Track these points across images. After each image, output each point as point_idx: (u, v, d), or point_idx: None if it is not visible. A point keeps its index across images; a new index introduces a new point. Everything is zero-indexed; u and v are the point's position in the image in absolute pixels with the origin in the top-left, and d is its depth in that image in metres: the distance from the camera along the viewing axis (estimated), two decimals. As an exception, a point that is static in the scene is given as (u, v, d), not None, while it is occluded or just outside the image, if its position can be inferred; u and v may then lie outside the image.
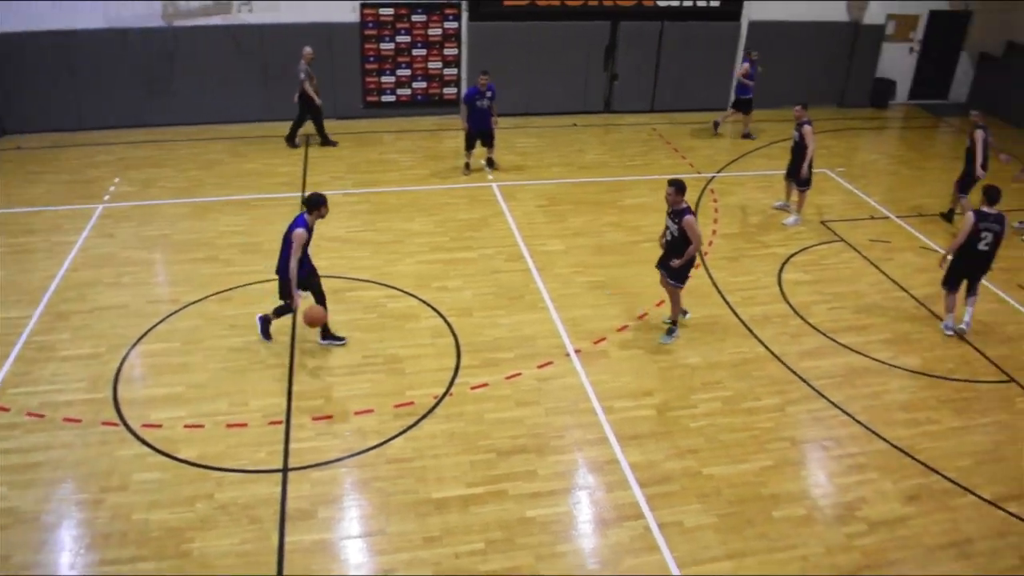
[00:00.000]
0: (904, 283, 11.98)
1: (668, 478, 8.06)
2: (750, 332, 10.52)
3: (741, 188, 14.77)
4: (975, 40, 20.50)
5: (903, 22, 19.83)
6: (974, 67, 20.81)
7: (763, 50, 18.24)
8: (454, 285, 11.15)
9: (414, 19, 16.65)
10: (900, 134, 19.04)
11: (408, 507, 7.52)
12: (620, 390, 9.27)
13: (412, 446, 8.25)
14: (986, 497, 8.16)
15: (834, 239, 13.11)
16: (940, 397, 9.64)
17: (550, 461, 8.18)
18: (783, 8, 18.35)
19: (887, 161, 16.86)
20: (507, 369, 9.48)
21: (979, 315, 11.26)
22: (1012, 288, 12.08)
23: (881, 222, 13.92)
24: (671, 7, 17.73)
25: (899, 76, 20.32)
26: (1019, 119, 19.26)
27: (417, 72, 17.10)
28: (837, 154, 16.93)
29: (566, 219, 13.20)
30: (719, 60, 18.51)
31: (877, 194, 14.99)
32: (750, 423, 8.93)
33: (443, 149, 15.95)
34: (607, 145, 16.68)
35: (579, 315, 10.62)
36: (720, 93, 18.87)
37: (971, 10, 20.12)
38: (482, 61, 16.77)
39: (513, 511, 7.55)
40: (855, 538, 7.57)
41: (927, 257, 12.81)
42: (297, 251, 8.83)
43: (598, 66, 17.86)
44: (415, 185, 14.21)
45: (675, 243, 9.73)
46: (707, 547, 7.32)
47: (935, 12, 19.93)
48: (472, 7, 16.75)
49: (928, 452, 8.72)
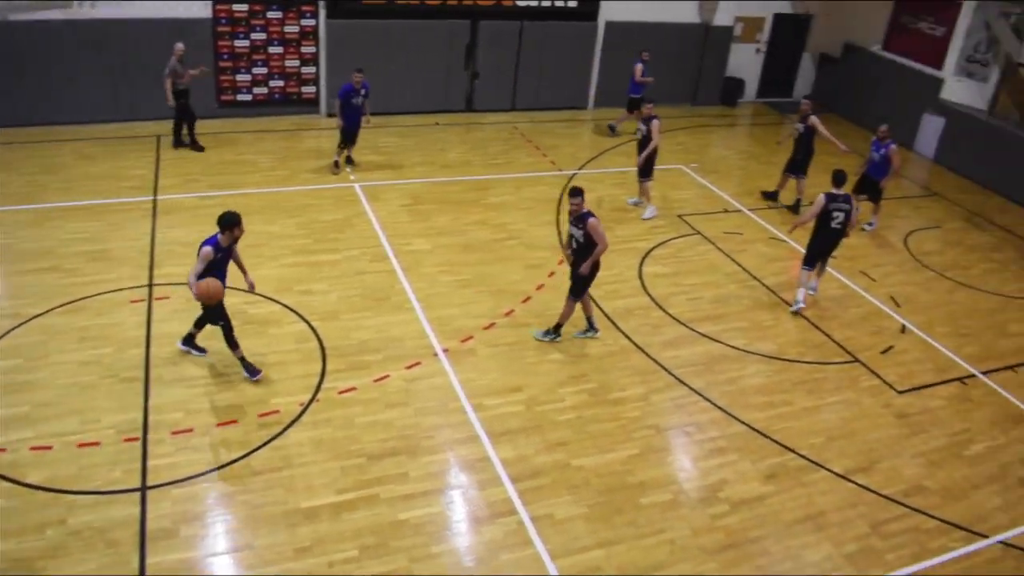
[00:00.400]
0: (757, 273, 12.55)
1: (539, 472, 8.17)
2: (614, 325, 10.78)
3: (600, 185, 15.11)
4: (816, 41, 21.75)
5: (750, 24, 20.78)
6: (815, 67, 22.06)
7: (619, 50, 18.79)
8: (318, 288, 10.94)
9: (269, 15, 16.21)
10: (749, 131, 19.93)
11: (277, 518, 7.32)
12: (489, 387, 9.33)
13: (279, 455, 8.04)
14: (837, 471, 8.67)
15: (691, 232, 13.60)
16: (793, 380, 10.16)
17: (422, 462, 8.14)
18: (638, 10, 18.87)
19: (738, 157, 17.62)
20: (375, 371, 9.37)
21: (825, 301, 11.95)
22: (855, 275, 12.85)
23: (734, 215, 14.54)
24: (530, 7, 17.94)
25: (747, 75, 21.30)
26: (855, 115, 20.56)
27: (274, 70, 16.66)
28: (691, 151, 17.57)
29: (431, 218, 13.17)
30: (577, 59, 18.86)
31: (729, 188, 15.65)
32: (616, 413, 9.15)
33: (303, 149, 15.60)
34: (470, 144, 16.73)
35: (446, 314, 10.61)
36: (579, 92, 19.25)
37: (812, 13, 21.30)
38: (341, 59, 16.55)
39: (386, 515, 7.47)
40: (719, 518, 7.89)
41: (777, 247, 13.47)
42: (199, 266, 8.37)
43: (459, 65, 17.88)
44: (275, 186, 13.84)
45: (581, 249, 9.79)
46: (578, 538, 7.46)
47: (779, 15, 21.01)
48: (330, 4, 16.44)
49: (783, 432, 9.18)
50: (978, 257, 14.16)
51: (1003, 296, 12.84)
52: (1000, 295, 12.86)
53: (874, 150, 13.79)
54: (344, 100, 14.01)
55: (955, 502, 8.50)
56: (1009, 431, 9.72)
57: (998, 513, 8.41)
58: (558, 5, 18.17)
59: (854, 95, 20.70)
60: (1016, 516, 8.40)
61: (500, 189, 14.60)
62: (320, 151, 15.47)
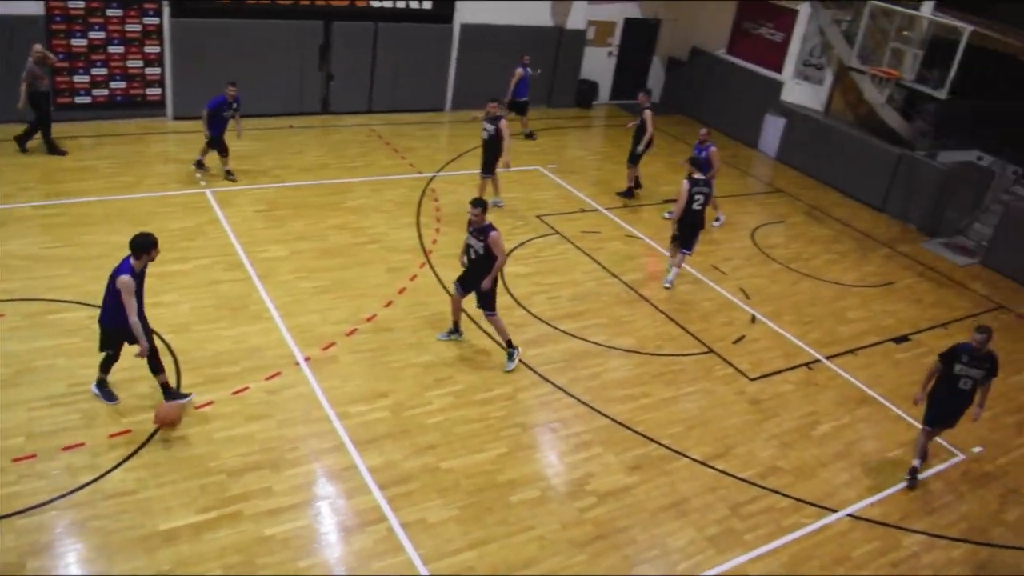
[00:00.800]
0: (614, 270, 12.87)
1: (408, 477, 8.09)
2: (477, 326, 10.80)
3: (461, 187, 15.13)
4: (665, 45, 22.52)
5: (602, 28, 21.31)
6: (665, 70, 22.85)
7: (476, 53, 18.89)
8: (169, 299, 10.45)
9: (109, 13, 15.36)
10: (603, 132, 20.42)
11: (134, 543, 6.94)
12: (353, 394, 9.16)
13: (133, 477, 7.62)
14: (697, 458, 8.98)
15: (550, 232, 13.80)
16: (652, 372, 10.47)
17: (286, 475, 7.91)
18: (493, 12, 19.00)
19: (593, 157, 18.01)
20: (233, 384, 9.03)
21: (679, 295, 12.39)
22: (707, 269, 13.37)
23: (591, 214, 14.85)
24: (384, 8, 17.77)
25: (600, 78, 21.83)
26: (702, 116, 21.41)
27: (115, 71, 15.82)
28: (549, 152, 17.84)
29: (287, 224, 12.82)
30: (434, 61, 18.82)
31: (586, 188, 15.98)
32: (483, 414, 9.17)
33: (150, 154, 14.88)
34: (327, 147, 16.41)
35: (306, 321, 10.36)
36: (437, 94, 19.21)
37: (660, 19, 22.03)
38: (188, 60, 15.91)
39: (250, 532, 7.21)
40: (587, 511, 8.03)
41: (633, 245, 13.86)
42: (128, 300, 7.74)
43: (313, 66, 17.51)
44: (121, 194, 13.12)
45: (480, 260, 9.69)
46: (450, 540, 7.43)
47: (630, 20, 21.64)
48: (174, 2, 15.76)
49: (645, 423, 9.44)
50: (819, 249, 15.02)
51: (842, 285, 13.66)
52: (840, 284, 13.68)
53: (696, 152, 14.29)
54: (214, 111, 13.48)
55: (806, 480, 8.96)
56: (853, 411, 10.34)
57: (845, 488, 8.94)
58: (413, 7, 18.08)
59: (701, 97, 21.58)
60: (861, 490, 8.94)
61: (359, 192, 14.38)
62: (167, 156, 14.81)
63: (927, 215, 16.60)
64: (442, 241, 12.93)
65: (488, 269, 9.66)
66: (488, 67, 18.82)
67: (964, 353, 8.58)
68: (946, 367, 8.68)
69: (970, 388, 8.68)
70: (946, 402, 8.81)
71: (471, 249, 9.81)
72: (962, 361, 8.57)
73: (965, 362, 8.56)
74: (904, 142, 17.19)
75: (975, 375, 8.61)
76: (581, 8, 20.15)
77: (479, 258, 9.72)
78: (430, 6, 18.27)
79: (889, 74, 16.21)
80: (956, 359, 8.60)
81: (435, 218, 13.70)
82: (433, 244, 12.78)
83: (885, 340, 12.15)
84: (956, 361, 8.60)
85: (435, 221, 13.59)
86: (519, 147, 17.62)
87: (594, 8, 20.52)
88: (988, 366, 8.62)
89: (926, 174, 16.61)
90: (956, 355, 8.62)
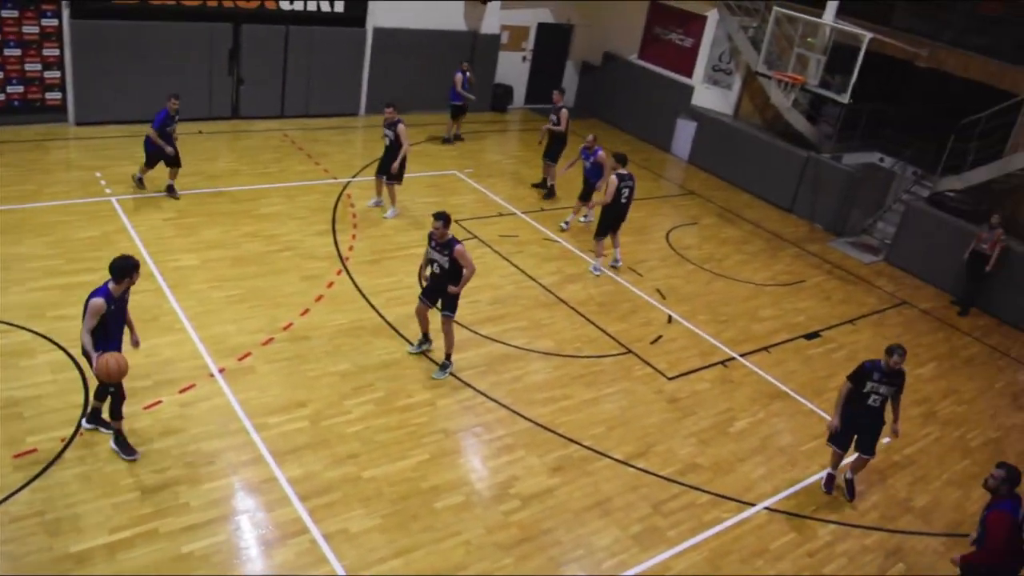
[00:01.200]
0: (532, 273, 12.93)
1: (329, 488, 7.96)
2: (396, 332, 10.71)
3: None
4: (578, 50, 22.76)
5: (515, 33, 21.41)
6: (578, 74, 23.09)
7: (390, 57, 18.73)
8: (75, 312, 9.97)
9: (4, 14, 14.71)
10: (519, 136, 20.52)
11: (43, 567, 6.63)
12: (271, 405, 8.97)
13: (41, 498, 7.29)
14: (618, 458, 9.08)
15: (468, 237, 13.78)
16: (572, 374, 10.55)
17: (203, 490, 7.69)
18: (407, 16, 18.89)
19: (509, 161, 18.07)
20: (145, 398, 8.74)
21: (597, 297, 12.52)
22: (624, 271, 13.56)
23: (508, 218, 14.89)
24: (295, 11, 17.47)
25: (515, 82, 21.92)
26: (615, 120, 21.77)
27: (11, 75, 15.16)
28: (466, 156, 17.83)
29: (198, 232, 12.48)
30: (346, 66, 18.60)
31: (503, 192, 16.02)
32: (404, 420, 9.09)
33: (51, 161, 14.29)
34: (238, 152, 16.04)
35: (220, 332, 10.10)
36: (350, 98, 18.98)
37: (573, 24, 22.26)
38: (90, 63, 15.35)
39: (167, 550, 6.98)
40: (511, 514, 8.03)
41: (551, 248, 13.95)
42: (90, 321, 7.32)
43: (222, 70, 17.10)
44: (19, 203, 12.55)
45: (444, 275, 9.54)
46: (375, 549, 7.34)
47: (543, 24, 21.79)
48: (74, 4, 15.18)
49: (566, 425, 9.50)
50: (731, 249, 15.38)
51: (754, 284, 14.02)
52: (752, 283, 14.03)
53: (583, 157, 14.49)
54: (160, 129, 12.94)
55: (725, 476, 9.16)
56: (767, 406, 10.62)
57: (762, 482, 9.16)
58: (325, 10, 17.84)
59: (615, 101, 21.89)
60: (778, 483, 9.18)
61: (272, 199, 14.09)
62: (70, 163, 14.26)
63: (833, 215, 17.18)
64: (359, 248, 12.78)
65: (455, 280, 9.55)
66: (402, 71, 18.71)
67: (875, 371, 8.56)
68: (857, 386, 8.67)
69: (879, 405, 8.67)
70: (856, 418, 8.80)
71: (434, 264, 9.63)
72: (873, 379, 8.57)
73: (876, 379, 8.56)
74: (810, 145, 17.77)
75: (885, 392, 8.63)
76: (495, 12, 20.21)
77: (444, 272, 9.56)
78: (342, 9, 18.06)
79: (794, 79, 16.73)
80: (867, 377, 8.59)
81: (351, 224, 13.53)
82: (350, 251, 12.62)
83: (796, 337, 12.52)
84: (867, 379, 8.59)
85: (351, 227, 13.42)
86: (437, 152, 17.58)
87: (508, 13, 20.60)
88: (899, 381, 8.65)
89: (831, 176, 17.19)
90: (867, 373, 8.59)
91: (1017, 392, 12.35)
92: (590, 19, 22.21)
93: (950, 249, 15.06)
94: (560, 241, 14.16)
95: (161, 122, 12.97)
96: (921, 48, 16.11)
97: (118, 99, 15.44)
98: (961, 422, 11.21)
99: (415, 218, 14.08)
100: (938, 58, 16.00)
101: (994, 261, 14.05)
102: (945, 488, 9.74)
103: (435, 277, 9.72)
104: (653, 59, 21.21)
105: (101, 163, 14.12)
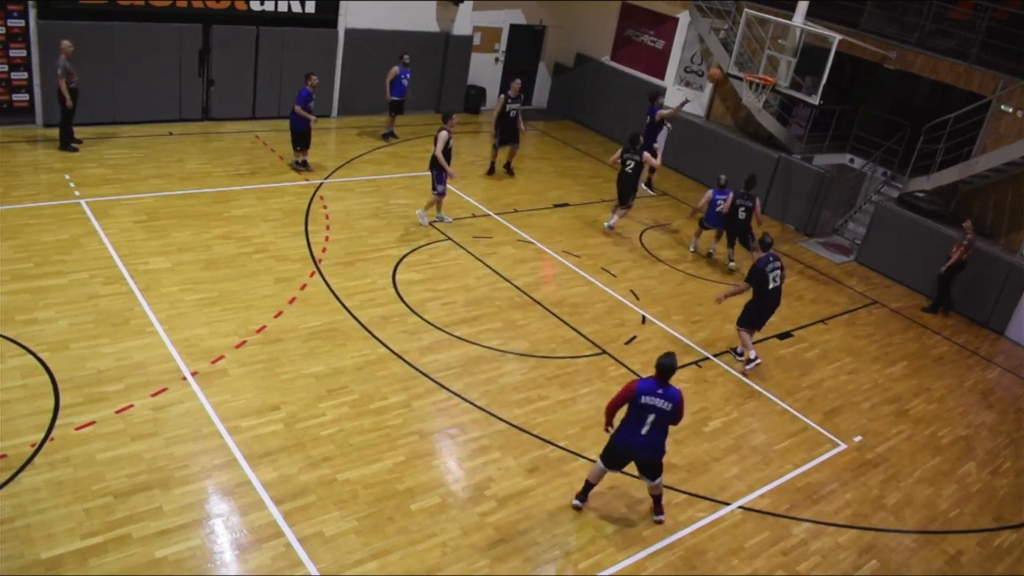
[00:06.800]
0: (507, 274, 12.92)
1: (304, 491, 7.90)
2: (371, 334, 10.66)
3: (350, 193, 14.92)
4: (551, 52, 22.79)
5: (488, 34, 21.39)
6: (551, 75, 23.12)
7: (362, 58, 18.65)
8: (44, 316, 9.90)
9: (-33, 16, 14.50)
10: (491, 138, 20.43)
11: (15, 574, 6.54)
12: (244, 408, 8.89)
13: (11, 504, 7.18)
14: (593, 458, 9.06)
15: (442, 238, 13.75)
16: (547, 375, 10.55)
17: (176, 494, 7.60)
18: (379, 17, 18.82)
19: (483, 163, 18.02)
20: (116, 402, 8.63)
21: (571, 298, 12.54)
22: (598, 272, 13.58)
23: (482, 219, 14.88)
24: (266, 12, 17.33)
25: (488, 84, 21.90)
26: (587, 120, 21.84)
27: (-24, 77, 14.93)
28: (438, 157, 17.75)
29: (169, 234, 12.35)
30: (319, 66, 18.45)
31: (476, 194, 16.00)
32: (379, 423, 9.05)
33: (17, 164, 14.06)
34: (209, 154, 15.88)
35: (192, 335, 10.00)
36: (322, 99, 18.83)
37: (545, 25, 22.29)
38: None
39: (140, 555, 6.90)
40: (487, 515, 8.02)
41: (525, 249, 13.95)
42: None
43: (192, 71, 16.94)
44: (-15, 206, 12.38)
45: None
46: (351, 552, 7.29)
47: (515, 26, 21.79)
48: (41, 4, 14.95)
49: (542, 426, 9.50)
50: (703, 250, 15.46)
51: (727, 285, 14.09)
52: (725, 284, 14.10)
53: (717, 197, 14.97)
54: (304, 104, 14.94)
55: (699, 475, 9.20)
56: (740, 406, 10.68)
57: (736, 481, 9.22)
58: (296, 11, 17.72)
59: (587, 103, 21.94)
60: (752, 482, 9.24)
61: (244, 200, 13.98)
62: (38, 165, 14.05)
63: (804, 216, 17.34)
64: (332, 249, 12.70)
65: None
66: (375, 73, 18.60)
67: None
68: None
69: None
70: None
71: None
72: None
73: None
74: (781, 146, 17.91)
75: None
76: (467, 14, 20.18)
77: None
78: (313, 10, 17.95)
79: (765, 80, 16.85)
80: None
81: (324, 226, 13.45)
82: (323, 252, 12.54)
83: (769, 337, 12.61)
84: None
85: (324, 229, 13.34)
86: (410, 153, 17.51)
87: (480, 14, 20.59)
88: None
89: (802, 176, 17.34)
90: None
91: (986, 390, 12.54)
92: (562, 20, 22.26)
93: (919, 249, 15.24)
94: (534, 242, 14.17)
95: (304, 99, 14.98)
96: (889, 51, 16.31)
97: (87, 100, 15.20)
98: (932, 420, 11.35)
99: (388, 219, 14.03)
100: (906, 60, 16.20)
101: (950, 264, 14.18)
102: (917, 485, 9.85)
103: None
104: (625, 60, 21.29)
105: (70, 165, 13.93)
